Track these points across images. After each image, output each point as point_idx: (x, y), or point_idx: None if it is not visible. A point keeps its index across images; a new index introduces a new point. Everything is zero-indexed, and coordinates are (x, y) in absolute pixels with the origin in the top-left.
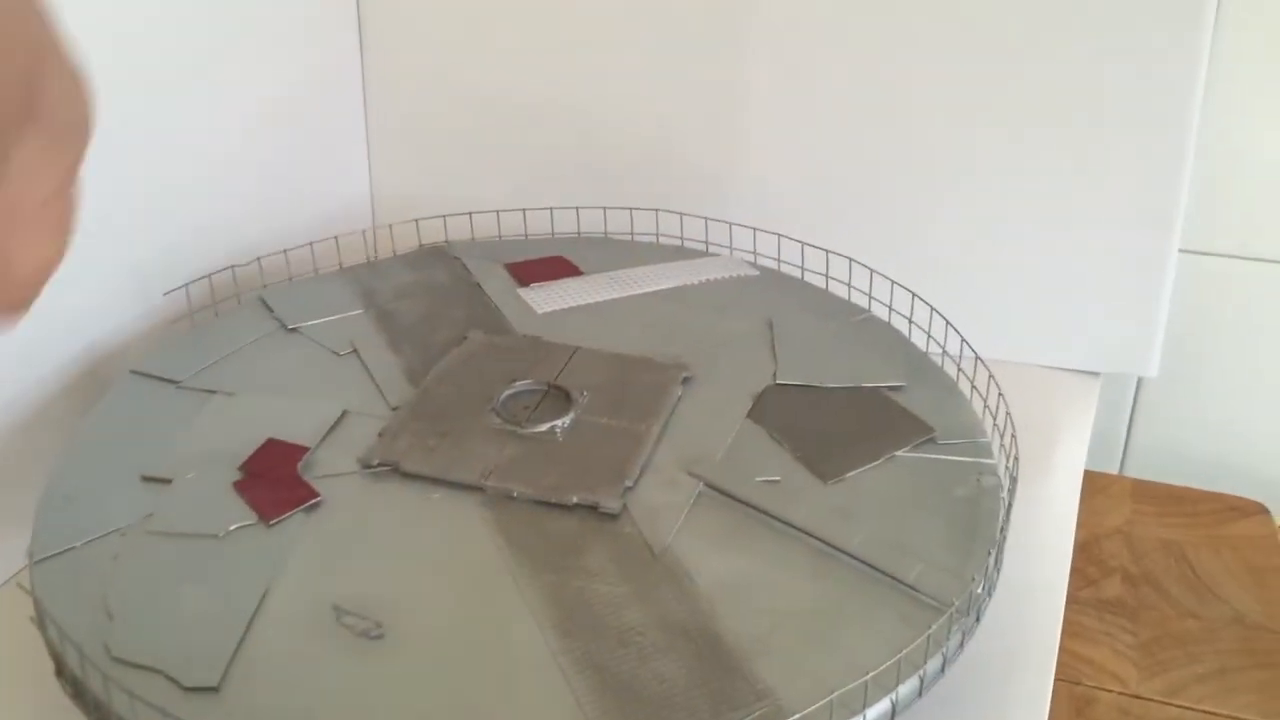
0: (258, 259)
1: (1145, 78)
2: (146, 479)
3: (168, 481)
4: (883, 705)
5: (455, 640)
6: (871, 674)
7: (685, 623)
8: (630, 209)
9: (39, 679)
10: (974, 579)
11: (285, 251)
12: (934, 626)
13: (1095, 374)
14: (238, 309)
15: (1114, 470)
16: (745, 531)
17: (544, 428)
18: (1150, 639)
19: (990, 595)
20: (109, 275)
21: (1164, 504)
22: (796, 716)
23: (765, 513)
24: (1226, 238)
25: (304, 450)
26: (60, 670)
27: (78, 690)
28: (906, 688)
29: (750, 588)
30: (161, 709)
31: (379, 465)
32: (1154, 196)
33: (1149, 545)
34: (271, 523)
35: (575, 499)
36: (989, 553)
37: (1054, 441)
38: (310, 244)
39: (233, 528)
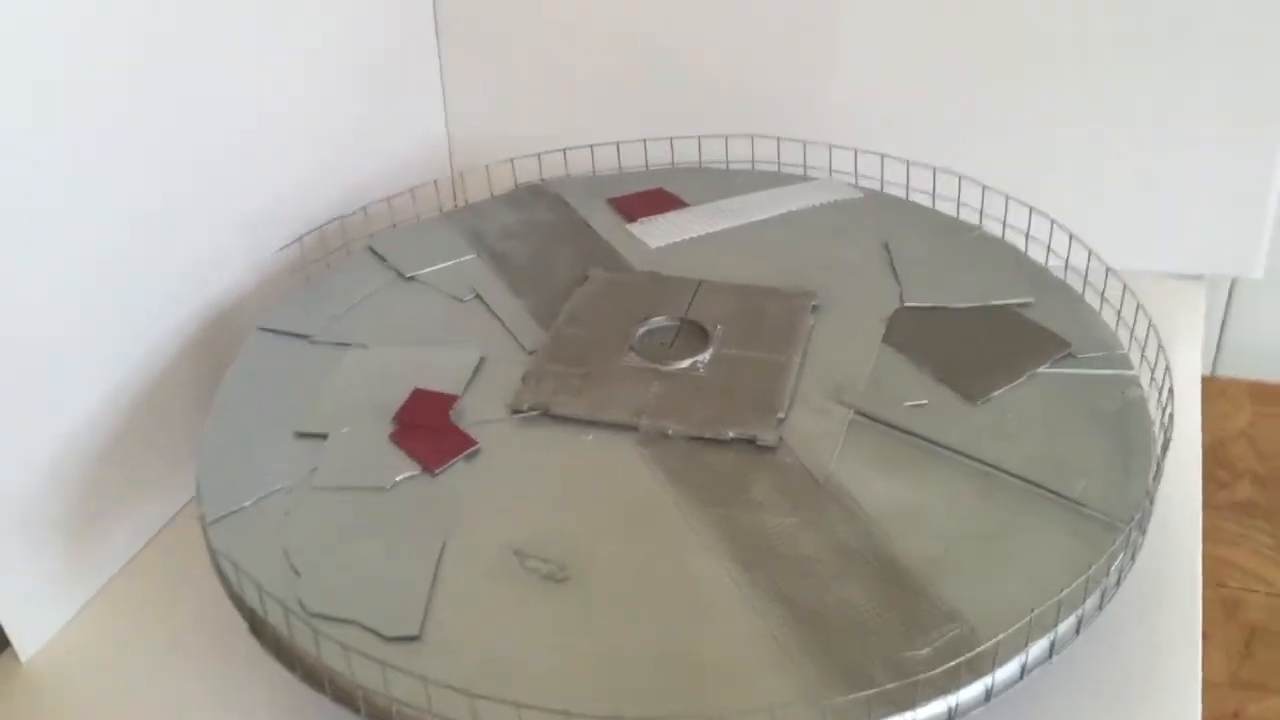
0: (363, 207)
1: None
2: (300, 435)
3: (323, 436)
4: (1069, 622)
5: (639, 578)
6: (1064, 592)
7: (860, 548)
8: (725, 136)
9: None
10: (1145, 492)
11: (389, 199)
12: (1116, 543)
13: (1199, 277)
14: (347, 259)
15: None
16: (902, 456)
17: (685, 364)
18: None
19: (1152, 506)
20: (217, 231)
21: None
22: (996, 639)
23: (921, 437)
24: None
25: (453, 399)
26: (257, 628)
27: (280, 646)
28: (1090, 603)
29: (917, 511)
30: (381, 660)
31: (529, 410)
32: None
33: (1275, 446)
34: (436, 472)
35: (732, 433)
36: (1153, 464)
37: (1169, 348)
38: (411, 190)
39: (398, 479)
